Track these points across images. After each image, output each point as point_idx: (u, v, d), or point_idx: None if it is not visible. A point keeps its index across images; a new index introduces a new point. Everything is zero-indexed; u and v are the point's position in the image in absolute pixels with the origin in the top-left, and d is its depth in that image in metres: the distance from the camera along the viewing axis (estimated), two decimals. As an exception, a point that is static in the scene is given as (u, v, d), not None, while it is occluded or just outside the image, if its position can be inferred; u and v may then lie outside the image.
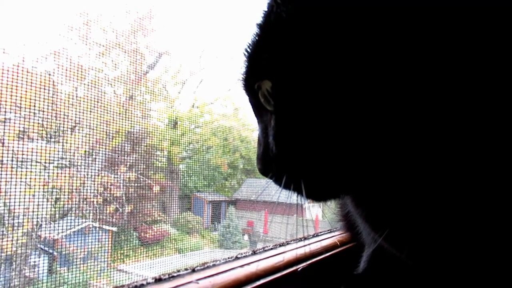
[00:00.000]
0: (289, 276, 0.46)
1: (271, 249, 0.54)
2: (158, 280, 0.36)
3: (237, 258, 0.46)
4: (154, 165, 2.57)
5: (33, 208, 1.30)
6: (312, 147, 0.37)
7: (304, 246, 0.57)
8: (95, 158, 1.63)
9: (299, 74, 0.37)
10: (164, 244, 2.86)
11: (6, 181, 1.16)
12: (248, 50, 0.44)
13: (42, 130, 1.34)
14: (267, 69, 0.40)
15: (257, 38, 0.42)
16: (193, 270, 0.39)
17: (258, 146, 0.46)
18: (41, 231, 1.52)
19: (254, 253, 0.50)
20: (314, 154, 0.38)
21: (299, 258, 0.51)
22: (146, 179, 2.22)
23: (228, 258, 0.46)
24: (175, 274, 0.37)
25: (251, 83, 0.43)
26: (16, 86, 1.06)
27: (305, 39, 0.37)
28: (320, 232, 0.70)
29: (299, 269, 0.49)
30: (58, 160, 1.46)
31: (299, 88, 0.37)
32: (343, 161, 0.37)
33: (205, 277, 0.38)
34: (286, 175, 0.41)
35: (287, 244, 0.57)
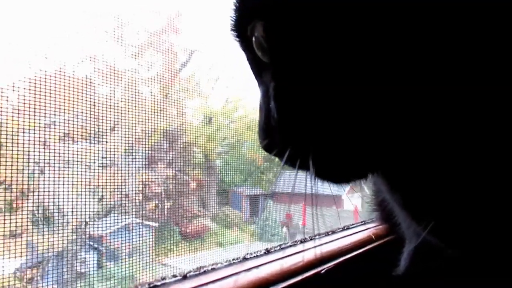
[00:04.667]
0: (310, 280, 0.39)
1: (290, 246, 0.47)
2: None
3: (244, 259, 0.40)
4: (192, 161, 2.60)
5: (80, 206, 1.36)
6: (320, 108, 0.29)
7: (330, 242, 0.49)
8: (135, 157, 1.68)
9: (298, 8, 0.28)
10: (205, 238, 2.90)
11: (53, 182, 1.22)
12: None
13: (84, 132, 1.39)
14: (258, 4, 0.31)
15: None
16: (185, 277, 0.34)
17: (260, 115, 0.36)
18: (88, 228, 1.59)
19: (267, 252, 0.44)
20: (323, 117, 0.29)
21: (324, 257, 0.43)
22: (185, 176, 2.26)
23: (233, 260, 0.40)
24: (158, 284, 0.32)
25: (242, 28, 0.34)
26: (59, 90, 1.10)
27: None
28: (352, 224, 0.62)
29: (323, 271, 0.41)
30: (100, 160, 1.51)
31: (298, 28, 0.28)
32: (363, 126, 0.28)
33: (199, 286, 0.32)
34: (290, 147, 0.32)
35: (310, 239, 0.50)
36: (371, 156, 0.30)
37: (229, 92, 3.59)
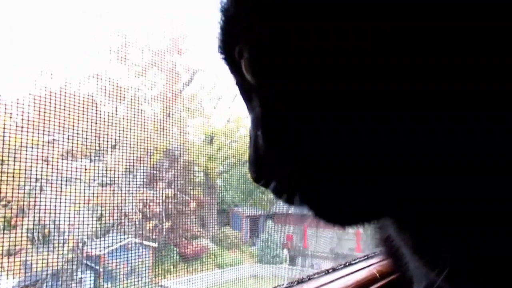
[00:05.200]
0: None
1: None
2: None
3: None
4: (192, 180, 2.59)
5: (78, 225, 1.35)
6: (310, 140, 0.26)
7: (330, 282, 0.41)
8: (135, 176, 1.67)
9: (285, 29, 0.26)
10: (204, 259, 2.86)
11: (53, 199, 1.21)
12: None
13: (85, 150, 1.39)
14: (244, 24, 0.29)
15: None
16: None
17: (250, 145, 0.33)
18: (86, 247, 1.57)
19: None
20: (313, 149, 0.26)
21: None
22: (184, 195, 2.25)
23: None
24: None
25: (229, 50, 0.32)
26: (62, 108, 1.11)
27: None
28: (354, 260, 0.53)
29: None
30: (100, 178, 1.51)
31: (287, 51, 0.26)
32: (364, 163, 0.25)
33: None
34: (277, 181, 0.30)
35: (308, 279, 0.41)
36: (375, 200, 0.26)
37: (231, 111, 3.61)
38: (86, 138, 1.36)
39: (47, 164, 1.20)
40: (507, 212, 0.24)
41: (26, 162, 1.08)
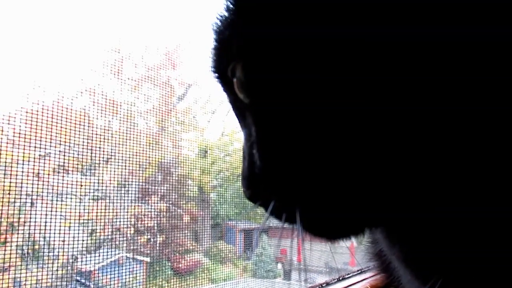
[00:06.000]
0: None
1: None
2: None
3: None
4: (186, 194, 2.58)
5: (70, 240, 1.33)
6: (307, 157, 0.26)
7: None
8: (128, 190, 1.66)
9: (279, 47, 0.26)
10: (197, 274, 2.83)
11: (44, 215, 1.20)
12: (220, 19, 0.31)
13: (78, 164, 1.39)
14: (237, 43, 0.29)
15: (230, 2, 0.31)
16: None
17: (243, 161, 0.34)
18: (77, 263, 1.54)
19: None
20: (310, 167, 0.26)
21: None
22: (178, 209, 2.23)
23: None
24: None
25: (222, 69, 0.32)
26: (56, 123, 1.11)
27: None
28: (347, 274, 0.54)
29: None
30: (92, 193, 1.50)
31: (279, 68, 0.26)
32: (358, 178, 0.25)
33: None
34: (274, 199, 0.30)
35: None
36: (368, 211, 0.27)
37: (225, 125, 3.62)
38: (80, 152, 1.35)
39: (39, 179, 1.19)
40: (497, 225, 0.25)
41: (17, 177, 1.07)
